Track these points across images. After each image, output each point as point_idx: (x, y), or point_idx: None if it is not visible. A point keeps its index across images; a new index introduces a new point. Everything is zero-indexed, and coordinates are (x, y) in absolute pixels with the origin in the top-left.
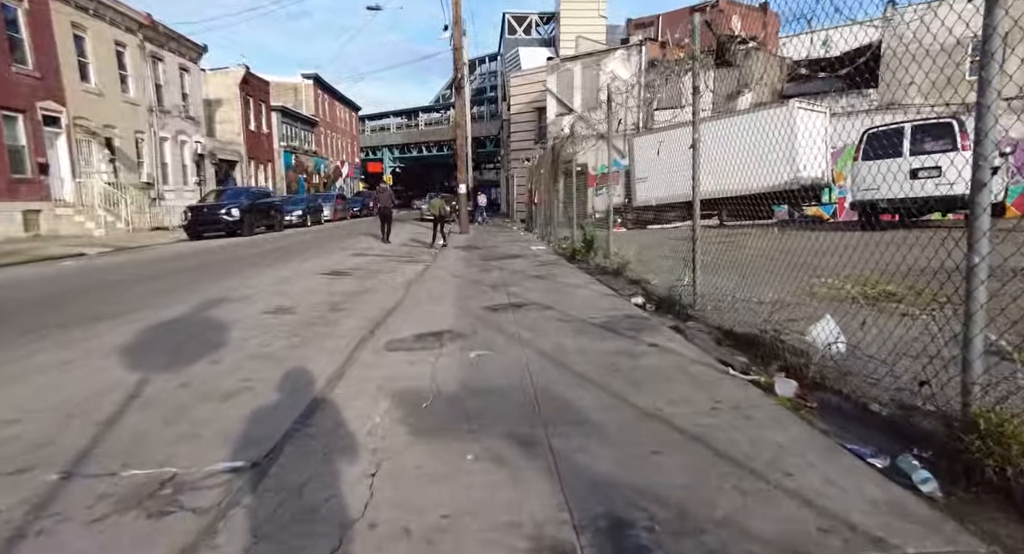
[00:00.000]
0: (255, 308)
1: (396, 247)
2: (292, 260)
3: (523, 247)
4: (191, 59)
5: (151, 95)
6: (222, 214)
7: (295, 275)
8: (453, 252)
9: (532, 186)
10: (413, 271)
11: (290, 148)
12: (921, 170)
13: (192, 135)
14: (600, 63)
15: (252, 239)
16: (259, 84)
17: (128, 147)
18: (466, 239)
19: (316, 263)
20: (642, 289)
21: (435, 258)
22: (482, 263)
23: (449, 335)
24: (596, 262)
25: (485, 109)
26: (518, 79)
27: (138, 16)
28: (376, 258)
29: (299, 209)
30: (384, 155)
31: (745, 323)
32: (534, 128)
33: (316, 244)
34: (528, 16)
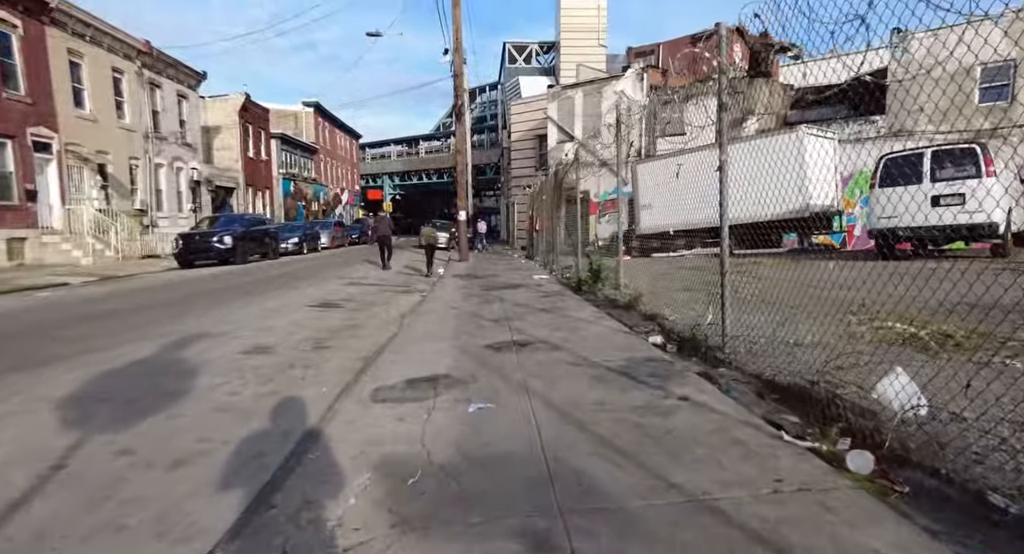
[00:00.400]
0: (232, 347)
1: (393, 275)
2: (282, 290)
3: (525, 276)
4: (190, 86)
5: (148, 121)
6: (214, 242)
7: (283, 307)
8: (452, 281)
9: (533, 213)
10: (408, 303)
11: (289, 175)
12: (943, 197)
13: (189, 162)
14: (601, 91)
15: (245, 268)
16: (258, 111)
17: (122, 173)
18: (466, 267)
19: (307, 293)
20: (659, 326)
21: (432, 288)
22: (482, 294)
23: (445, 381)
24: (604, 294)
25: (485, 137)
26: (519, 107)
27: (137, 43)
28: (370, 288)
29: (295, 236)
30: (384, 182)
31: (787, 371)
32: (535, 155)
33: (310, 273)
34: (528, 46)
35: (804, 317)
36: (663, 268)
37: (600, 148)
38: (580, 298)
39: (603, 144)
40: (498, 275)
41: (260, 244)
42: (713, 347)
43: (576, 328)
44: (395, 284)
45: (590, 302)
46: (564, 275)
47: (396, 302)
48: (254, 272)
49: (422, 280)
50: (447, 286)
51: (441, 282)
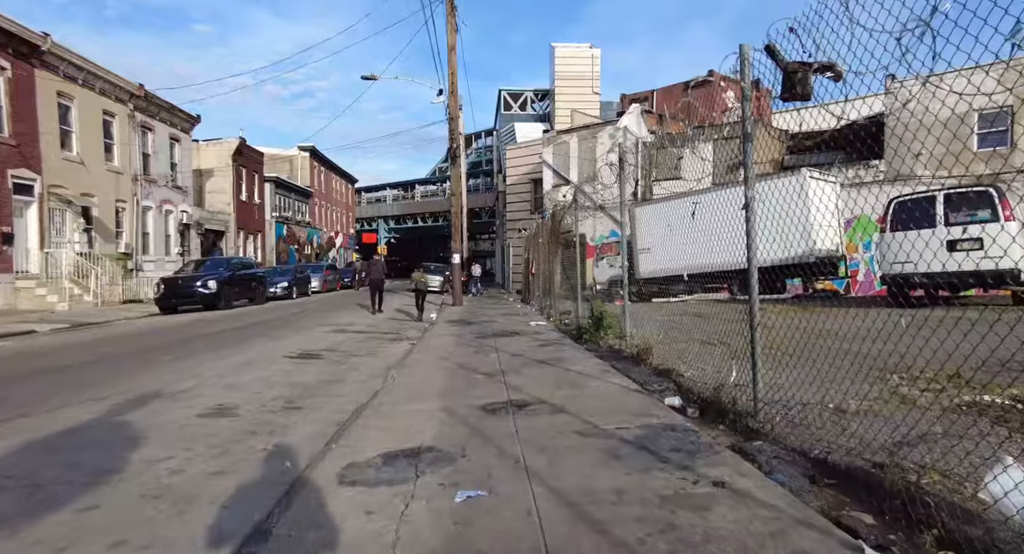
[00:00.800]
0: (190, 408)
1: (382, 321)
2: (262, 339)
3: (521, 322)
4: (183, 129)
5: (137, 164)
6: (197, 286)
7: (259, 358)
8: (444, 328)
9: (530, 256)
10: (396, 353)
11: (282, 218)
12: (960, 242)
13: (178, 204)
14: (596, 135)
15: (229, 313)
16: (253, 155)
17: (107, 216)
18: (459, 312)
19: (288, 342)
20: (674, 384)
21: (423, 335)
22: (476, 342)
23: (429, 456)
24: (608, 343)
25: (481, 181)
26: (514, 151)
27: (130, 87)
28: (356, 335)
29: (284, 280)
30: (379, 226)
31: (839, 447)
32: (530, 199)
33: (296, 319)
34: (523, 93)
35: (833, 372)
36: (665, 315)
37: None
38: (581, 348)
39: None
40: (493, 321)
41: (247, 288)
42: (743, 413)
43: (580, 385)
44: (384, 331)
45: (593, 353)
46: (563, 321)
47: (383, 352)
48: (237, 318)
49: (413, 326)
50: (439, 333)
51: (433, 329)
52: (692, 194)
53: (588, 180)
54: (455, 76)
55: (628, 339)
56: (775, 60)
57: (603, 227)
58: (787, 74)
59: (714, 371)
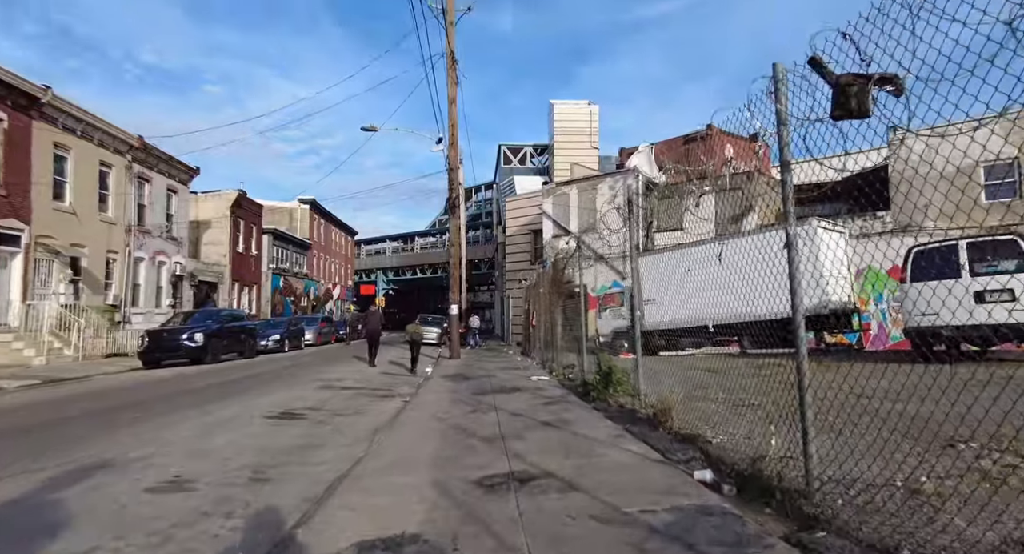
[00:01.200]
0: (139, 481)
1: (376, 375)
2: (244, 396)
3: (522, 377)
4: (181, 181)
5: (132, 215)
6: (183, 339)
7: (234, 418)
8: (440, 383)
9: (530, 307)
10: (386, 412)
11: (279, 270)
12: (988, 293)
13: (173, 256)
14: (596, 187)
15: (216, 368)
16: (251, 207)
17: (97, 267)
18: (456, 366)
19: (270, 400)
20: (701, 452)
21: (417, 391)
22: (474, 400)
23: (412, 549)
24: (618, 401)
25: (480, 233)
26: (514, 202)
27: (130, 138)
28: (345, 392)
29: (276, 333)
30: (378, 277)
31: (934, 545)
32: (530, 249)
33: (284, 374)
34: (523, 148)
35: (888, 439)
36: (675, 369)
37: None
38: (589, 407)
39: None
40: (492, 376)
41: (236, 342)
42: (793, 492)
43: (592, 454)
44: (375, 387)
45: (602, 413)
46: (567, 376)
47: (372, 410)
48: (223, 373)
49: (407, 380)
50: (434, 389)
51: (428, 384)
52: (700, 244)
53: (588, 230)
54: (455, 128)
55: (642, 398)
56: (822, 74)
57: (604, 277)
58: (839, 88)
59: (746, 436)
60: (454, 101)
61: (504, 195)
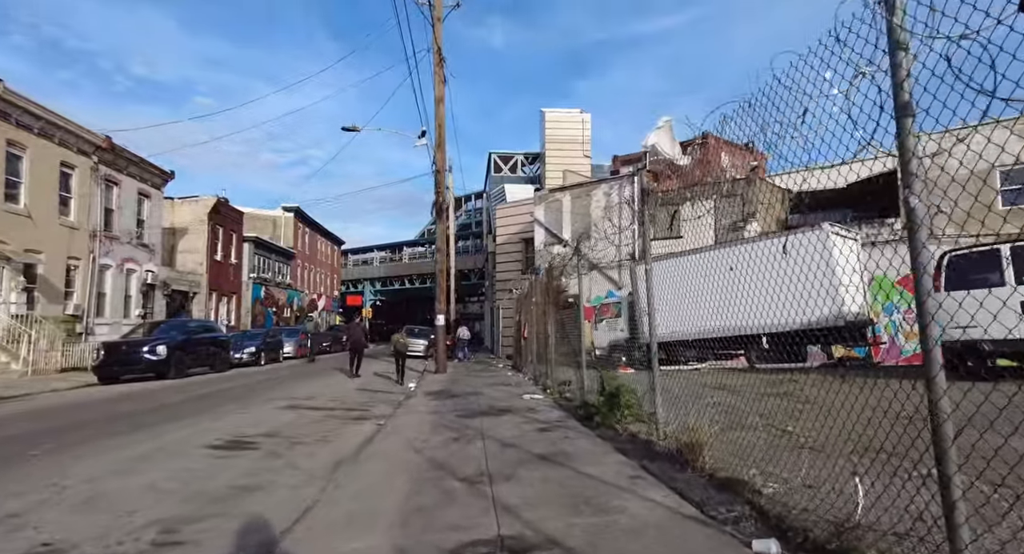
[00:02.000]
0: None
1: (352, 392)
2: (198, 417)
3: (513, 394)
4: (154, 185)
5: (98, 219)
6: (144, 352)
7: (168, 448)
8: (422, 402)
9: (521, 319)
10: (355, 439)
11: (260, 280)
12: None
13: (144, 263)
14: (590, 193)
15: (180, 383)
16: (231, 213)
17: (55, 274)
18: (442, 381)
19: (223, 423)
20: (751, 507)
21: (395, 412)
22: (458, 424)
23: None
24: (628, 429)
25: (470, 243)
26: (504, 210)
27: (95, 139)
28: (314, 413)
29: (252, 345)
30: (365, 288)
31: None
32: (521, 258)
33: (252, 390)
34: (514, 156)
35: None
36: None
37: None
38: (593, 434)
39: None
40: (480, 393)
41: (205, 354)
42: None
43: (607, 507)
44: (349, 406)
45: (610, 443)
46: (563, 394)
47: (339, 437)
48: (184, 389)
49: (387, 397)
50: (415, 409)
51: (408, 403)
52: (706, 250)
53: (582, 238)
54: (442, 128)
55: (660, 426)
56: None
57: (598, 287)
58: None
59: (807, 484)
60: (441, 100)
61: (495, 203)
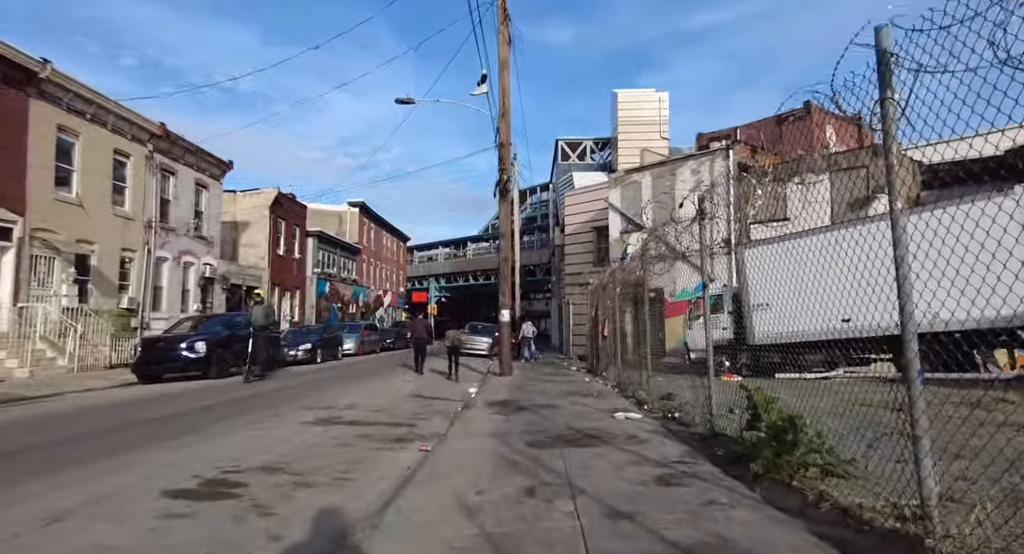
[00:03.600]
0: None
1: (403, 399)
2: (199, 434)
3: (599, 410)
4: (212, 176)
5: (154, 210)
6: (182, 350)
7: (117, 494)
8: (484, 416)
9: (598, 315)
10: (384, 481)
11: (325, 275)
12: None
13: (202, 256)
14: (675, 172)
15: (219, 384)
16: (294, 207)
17: (109, 267)
18: (507, 387)
19: (228, 445)
20: None
21: (448, 430)
22: (531, 462)
23: None
24: (821, 491)
25: (535, 237)
26: (573, 197)
27: (150, 126)
28: (347, 430)
29: (308, 343)
30: (430, 285)
31: None
32: (592, 249)
33: (292, 394)
34: (582, 142)
35: None
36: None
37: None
38: (755, 498)
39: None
40: (555, 406)
41: None
42: None
43: None
44: (394, 419)
45: (802, 521)
46: (670, 413)
47: (362, 476)
48: (216, 393)
49: (441, 408)
50: (473, 429)
51: (466, 417)
52: (846, 226)
53: (666, 224)
54: (507, 95)
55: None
56: None
57: (685, 279)
58: None
59: None
60: (506, 64)
61: (562, 192)
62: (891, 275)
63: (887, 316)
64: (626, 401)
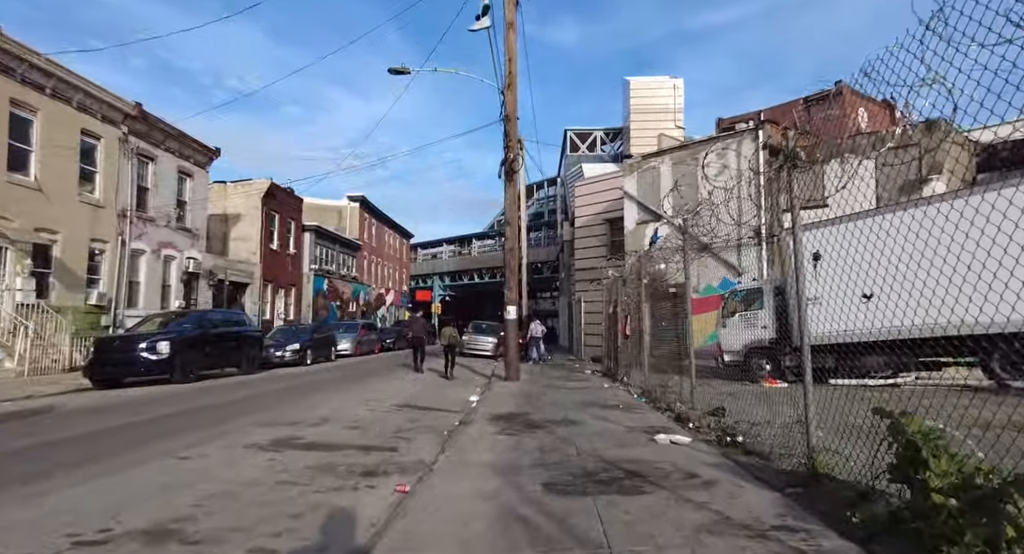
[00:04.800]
0: None
1: (389, 412)
2: (116, 460)
3: (631, 428)
4: (197, 163)
5: (129, 198)
6: (140, 350)
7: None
8: (485, 437)
9: (616, 311)
10: (336, 548)
11: (323, 272)
12: None
13: (185, 250)
14: (698, 156)
15: (183, 389)
16: (288, 199)
17: (75, 258)
18: (515, 395)
19: (130, 481)
20: None
21: (437, 458)
22: (549, 515)
23: None
24: None
25: (542, 234)
26: (584, 187)
27: (124, 106)
28: (304, 458)
29: (296, 343)
30: (434, 283)
31: None
32: (606, 242)
33: (257, 404)
34: (592, 133)
35: None
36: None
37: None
38: None
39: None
40: (576, 423)
41: (227, 353)
42: None
43: None
44: (369, 441)
45: None
46: (729, 436)
47: (295, 548)
48: (169, 402)
49: (432, 422)
50: (471, 457)
51: (461, 439)
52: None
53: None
54: (514, 63)
55: None
56: None
57: (709, 275)
58: None
59: None
60: (512, 26)
61: (572, 183)
62: None
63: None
64: (662, 416)
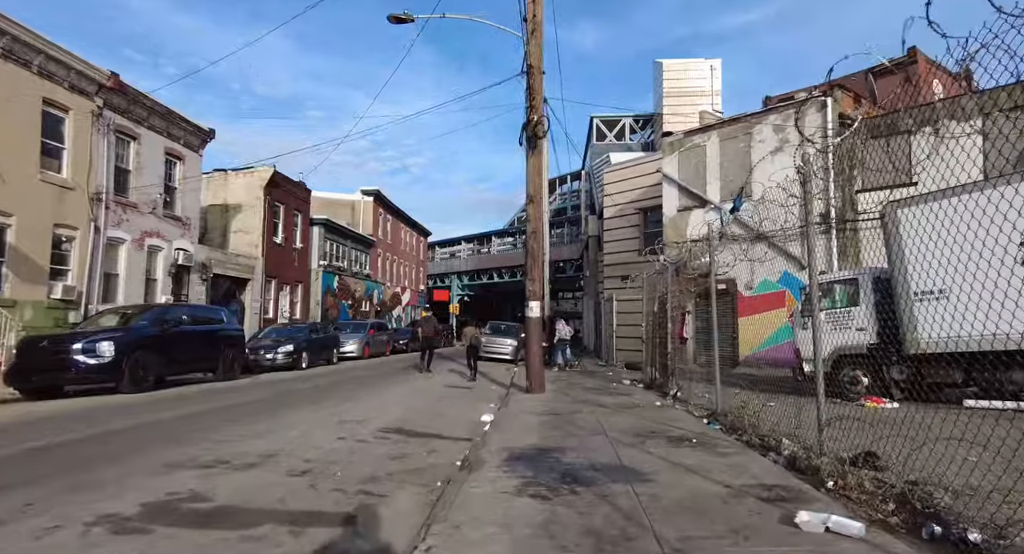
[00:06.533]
0: None
1: (371, 438)
2: None
3: (733, 483)
4: (188, 145)
5: (105, 180)
6: (74, 353)
7: None
8: (498, 503)
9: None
10: None
11: (333, 269)
12: None
13: (173, 240)
14: (751, 130)
15: (129, 401)
16: (295, 190)
17: (35, 246)
18: (540, 416)
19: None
20: None
21: (414, 550)
22: None
23: None
24: None
25: (565, 230)
26: (614, 174)
27: (97, 75)
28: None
29: (289, 345)
30: (452, 282)
31: None
32: (638, 234)
33: (198, 426)
34: (621, 120)
35: None
36: None
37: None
38: None
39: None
40: (634, 472)
41: (197, 355)
42: None
43: None
44: (309, 507)
45: None
46: (917, 505)
47: None
48: (65, 425)
49: (421, 463)
50: (473, 537)
51: (459, 501)
52: None
53: (747, 197)
54: (539, 4)
55: None
56: None
57: (766, 269)
58: None
59: None
60: None
61: (598, 174)
62: None
63: None
64: (764, 461)
